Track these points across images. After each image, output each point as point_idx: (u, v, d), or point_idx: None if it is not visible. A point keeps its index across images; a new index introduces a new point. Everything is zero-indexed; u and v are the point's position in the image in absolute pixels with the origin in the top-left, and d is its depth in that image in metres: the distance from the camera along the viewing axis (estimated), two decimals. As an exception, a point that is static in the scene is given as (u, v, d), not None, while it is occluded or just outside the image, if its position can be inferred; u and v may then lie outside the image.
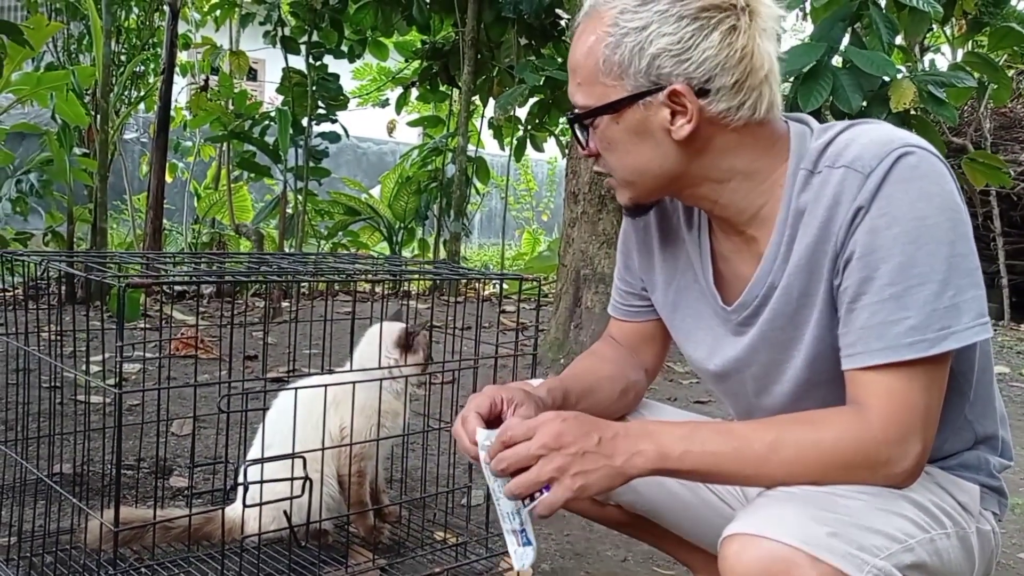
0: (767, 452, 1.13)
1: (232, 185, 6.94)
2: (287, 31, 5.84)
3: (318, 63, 5.88)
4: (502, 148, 6.95)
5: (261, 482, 1.44)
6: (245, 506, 1.56)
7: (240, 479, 1.62)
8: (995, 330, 6.41)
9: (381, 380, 1.72)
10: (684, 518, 1.52)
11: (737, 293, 1.30)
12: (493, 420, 1.25)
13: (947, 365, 1.15)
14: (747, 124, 1.20)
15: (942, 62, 7.48)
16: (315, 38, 5.88)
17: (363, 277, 1.63)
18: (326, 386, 1.62)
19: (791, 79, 3.71)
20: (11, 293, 2.33)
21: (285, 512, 1.49)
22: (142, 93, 6.66)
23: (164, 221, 7.19)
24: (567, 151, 4.48)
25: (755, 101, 1.18)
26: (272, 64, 5.96)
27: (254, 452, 1.79)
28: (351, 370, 1.76)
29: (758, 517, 1.10)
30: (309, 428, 1.70)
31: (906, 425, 1.12)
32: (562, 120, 6.86)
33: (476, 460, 1.22)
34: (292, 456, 1.46)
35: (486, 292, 6.90)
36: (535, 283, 1.80)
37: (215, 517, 1.78)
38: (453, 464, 2.11)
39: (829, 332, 1.20)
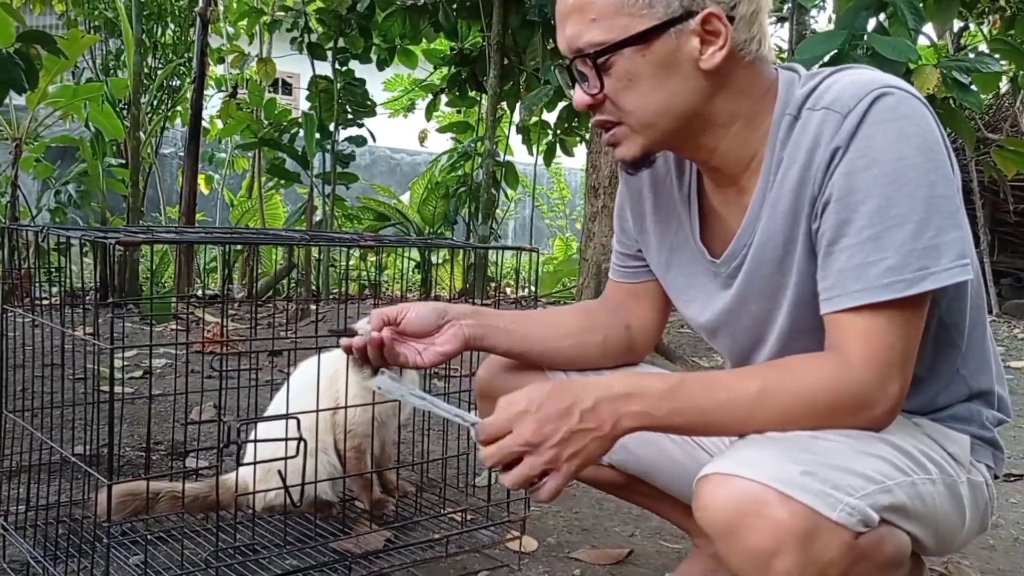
0: (753, 404, 1.12)
1: (264, 193, 7.04)
2: (314, 38, 5.92)
3: (344, 68, 5.95)
4: (530, 152, 6.96)
5: (255, 441, 1.47)
6: (239, 465, 1.58)
7: (239, 441, 1.65)
8: (1024, 325, 6.27)
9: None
10: (676, 477, 1.51)
11: (726, 246, 1.30)
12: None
13: (925, 306, 1.13)
14: (753, 60, 1.20)
15: (977, 58, 7.35)
16: (341, 44, 5.95)
17: (356, 244, 1.65)
18: (319, 349, 1.64)
19: (811, 68, 3.68)
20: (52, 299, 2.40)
21: (280, 472, 1.51)
22: (176, 104, 6.81)
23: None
24: (589, 147, 4.49)
25: (761, 35, 1.19)
26: (307, 77, 6.05)
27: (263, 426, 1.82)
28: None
29: (733, 458, 1.09)
30: (309, 397, 1.71)
31: (884, 366, 1.10)
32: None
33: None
34: (286, 417, 1.48)
35: (513, 296, 6.92)
36: (533, 252, 1.81)
37: (221, 483, 1.81)
38: (459, 441, 2.12)
39: (810, 277, 1.19)
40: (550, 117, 6.75)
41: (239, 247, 7.02)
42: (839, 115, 1.12)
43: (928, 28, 4.45)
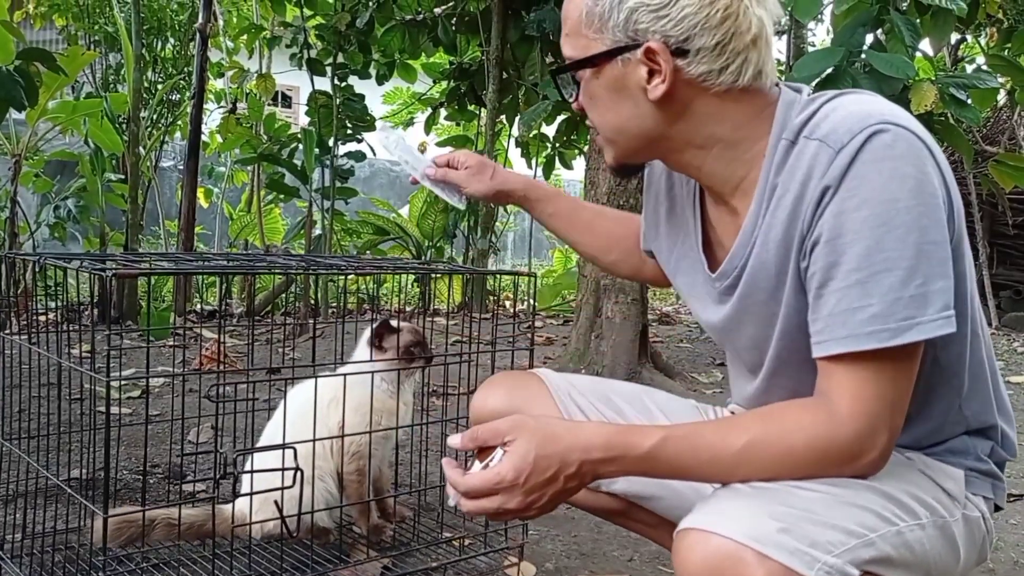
0: (737, 461, 1.10)
1: (263, 207, 7.04)
2: (313, 53, 5.93)
3: (343, 84, 5.97)
4: (529, 166, 6.98)
5: (252, 472, 1.46)
6: (236, 495, 1.58)
7: (236, 472, 1.64)
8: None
9: (372, 375, 1.73)
10: (676, 503, 1.50)
11: (721, 262, 1.29)
12: None
13: (917, 355, 1.10)
14: (730, 90, 1.16)
15: (975, 71, 7.36)
16: (341, 59, 5.97)
17: (354, 272, 1.64)
18: (316, 378, 1.64)
19: (810, 84, 3.68)
20: (50, 314, 2.40)
21: (276, 503, 1.51)
22: (176, 119, 6.82)
23: (199, 245, 7.32)
24: (588, 162, 4.49)
25: (739, 66, 1.15)
26: (307, 90, 6.05)
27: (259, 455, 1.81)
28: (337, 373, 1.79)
29: (711, 511, 1.07)
30: (304, 425, 1.71)
31: (874, 417, 1.08)
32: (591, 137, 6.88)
33: None
34: (283, 447, 1.48)
35: (512, 310, 6.92)
36: (531, 277, 1.81)
37: (217, 512, 1.80)
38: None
39: (796, 312, 1.17)
40: (549, 130, 6.77)
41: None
42: (832, 150, 1.09)
43: (924, 43, 4.46)
